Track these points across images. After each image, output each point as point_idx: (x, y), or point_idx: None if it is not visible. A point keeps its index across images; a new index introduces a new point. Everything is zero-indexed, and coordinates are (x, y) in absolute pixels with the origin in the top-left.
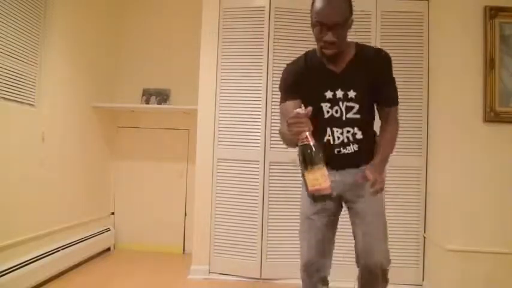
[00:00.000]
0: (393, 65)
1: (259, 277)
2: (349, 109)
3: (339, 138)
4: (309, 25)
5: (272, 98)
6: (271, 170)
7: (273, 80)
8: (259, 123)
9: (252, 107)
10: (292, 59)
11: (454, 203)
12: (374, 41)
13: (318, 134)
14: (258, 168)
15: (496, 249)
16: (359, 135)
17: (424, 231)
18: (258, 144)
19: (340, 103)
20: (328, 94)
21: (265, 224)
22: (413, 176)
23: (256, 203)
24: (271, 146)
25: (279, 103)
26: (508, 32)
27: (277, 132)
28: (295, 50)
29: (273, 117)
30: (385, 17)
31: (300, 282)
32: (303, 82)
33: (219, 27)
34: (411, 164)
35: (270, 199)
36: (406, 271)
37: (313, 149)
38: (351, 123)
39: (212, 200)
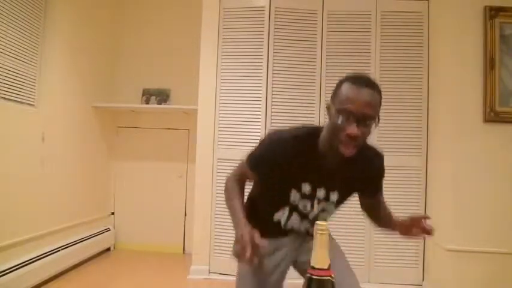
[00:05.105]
0: (393, 65)
1: None
2: (321, 209)
3: (291, 225)
4: (309, 24)
5: (272, 97)
6: None
7: (273, 80)
8: (259, 123)
9: (252, 107)
10: (292, 59)
11: (453, 203)
12: (374, 41)
13: (265, 203)
14: None
15: (495, 249)
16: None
17: None
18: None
19: (315, 201)
20: (305, 188)
21: None
22: (413, 176)
23: None
24: None
25: (245, 161)
26: (508, 32)
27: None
28: (295, 50)
29: (273, 117)
30: (385, 17)
31: (299, 281)
32: (282, 168)
33: (219, 27)
34: (411, 164)
35: None
36: (406, 271)
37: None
38: (313, 220)
39: (212, 200)
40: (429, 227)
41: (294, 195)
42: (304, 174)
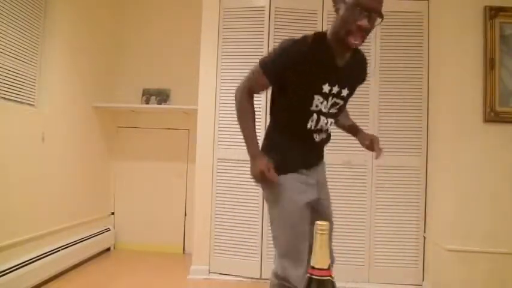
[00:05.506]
0: (393, 65)
1: (259, 277)
2: (334, 105)
3: (321, 126)
4: (309, 24)
5: None
6: None
7: None
8: (259, 123)
9: None
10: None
11: (453, 203)
12: (374, 41)
13: (297, 119)
14: None
15: (495, 249)
16: (329, 128)
17: (424, 231)
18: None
19: (330, 98)
20: (326, 88)
21: (265, 223)
22: (413, 176)
23: (257, 203)
24: None
25: (258, 65)
26: (508, 32)
27: None
28: None
29: None
30: (385, 17)
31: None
32: (301, 71)
33: (219, 27)
34: (411, 164)
35: None
36: (406, 271)
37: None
38: (330, 116)
39: (212, 200)
40: (378, 153)
41: (317, 100)
42: (322, 75)
